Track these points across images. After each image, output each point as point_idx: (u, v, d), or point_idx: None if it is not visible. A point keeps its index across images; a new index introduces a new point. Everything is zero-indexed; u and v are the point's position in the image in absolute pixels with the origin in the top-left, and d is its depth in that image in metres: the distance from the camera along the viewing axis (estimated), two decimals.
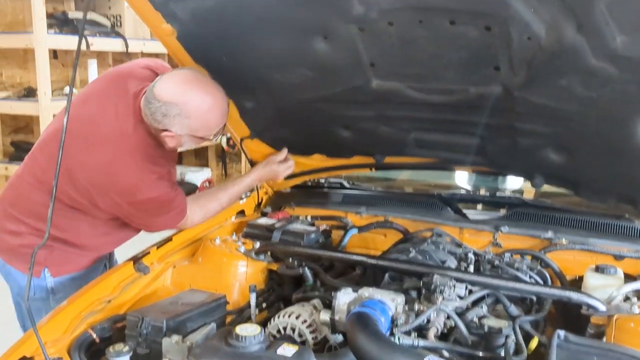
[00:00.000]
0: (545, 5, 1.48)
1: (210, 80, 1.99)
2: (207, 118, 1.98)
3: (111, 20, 5.61)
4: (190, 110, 1.92)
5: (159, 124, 1.95)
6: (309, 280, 1.97)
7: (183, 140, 2.02)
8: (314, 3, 1.65)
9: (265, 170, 2.42)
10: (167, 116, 1.92)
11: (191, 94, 1.92)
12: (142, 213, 2.07)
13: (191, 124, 1.95)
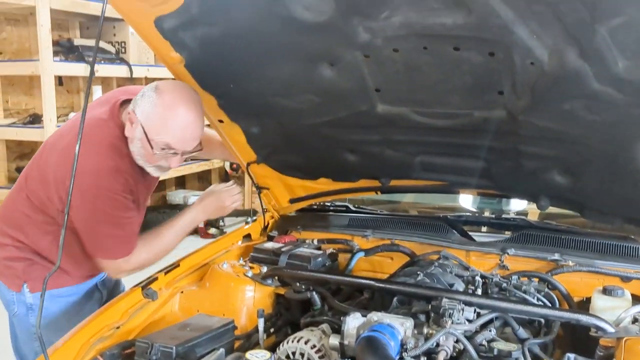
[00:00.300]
0: (548, 31, 1.50)
1: (199, 109, 2.03)
2: (166, 122, 1.99)
3: (116, 47, 5.69)
4: (158, 103, 1.97)
5: (132, 106, 2.03)
6: (317, 304, 1.97)
7: (136, 132, 2.03)
8: (320, 31, 1.67)
9: (209, 201, 2.38)
10: (143, 95, 2.01)
11: (174, 97, 1.98)
12: (87, 213, 2.02)
13: (151, 116, 1.99)
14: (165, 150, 2.03)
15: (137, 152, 2.07)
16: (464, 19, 1.53)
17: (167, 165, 2.11)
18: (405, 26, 1.61)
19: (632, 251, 2.22)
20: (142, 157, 2.07)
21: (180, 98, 2.00)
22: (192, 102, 2.01)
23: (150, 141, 2.01)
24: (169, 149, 2.04)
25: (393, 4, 1.55)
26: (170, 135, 2.01)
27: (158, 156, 2.06)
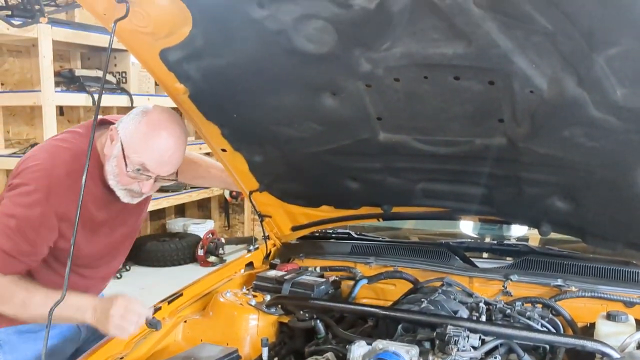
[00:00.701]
0: (546, 61, 1.53)
1: (183, 138, 2.02)
2: (146, 141, 1.96)
3: (117, 77, 5.74)
4: (142, 123, 1.97)
5: (118, 123, 2.02)
6: (321, 333, 1.97)
7: (114, 149, 1.98)
8: (323, 62, 1.70)
9: (102, 308, 1.84)
10: (129, 115, 2.01)
11: (160, 119, 1.99)
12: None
13: (133, 133, 1.96)
14: (140, 171, 1.97)
15: (111, 171, 2.00)
16: (464, 49, 1.56)
17: (138, 189, 2.02)
18: (406, 56, 1.64)
19: (634, 276, 2.23)
20: (115, 177, 1.99)
21: (166, 121, 2.00)
22: (177, 128, 2.01)
23: (126, 158, 1.94)
24: (143, 170, 1.97)
25: (394, 35, 1.58)
26: (148, 155, 1.96)
27: (131, 176, 1.97)
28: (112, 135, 2.00)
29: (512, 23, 1.46)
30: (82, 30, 5.28)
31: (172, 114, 2.05)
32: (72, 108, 5.84)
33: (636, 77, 1.50)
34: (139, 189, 2.02)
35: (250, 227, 7.60)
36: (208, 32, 1.73)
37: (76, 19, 5.72)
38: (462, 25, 1.49)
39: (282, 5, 1.57)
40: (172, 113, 2.05)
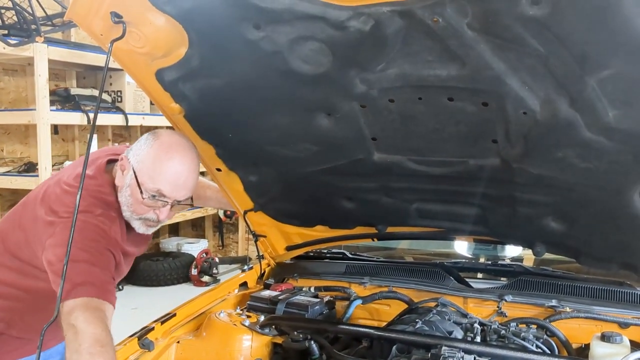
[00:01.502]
0: (539, 83, 1.55)
1: (195, 160, 1.97)
2: (160, 166, 1.90)
3: (112, 96, 5.76)
4: (153, 149, 1.92)
5: (127, 152, 1.97)
6: (315, 354, 1.96)
7: (126, 178, 1.92)
8: (318, 83, 1.72)
9: None
10: (139, 142, 1.97)
11: (171, 142, 1.95)
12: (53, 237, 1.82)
13: (145, 159, 1.91)
14: (156, 198, 1.91)
15: (125, 202, 1.93)
16: (458, 71, 1.58)
17: (155, 218, 1.97)
18: (401, 78, 1.65)
19: (629, 296, 2.22)
20: (129, 207, 1.93)
21: (177, 145, 1.96)
22: (190, 151, 1.97)
23: (141, 186, 1.89)
24: (160, 196, 1.91)
25: (389, 57, 1.60)
26: (164, 181, 1.89)
27: (147, 204, 1.92)
28: (123, 165, 1.94)
29: (505, 45, 1.48)
30: (78, 49, 5.31)
31: (182, 136, 2.02)
32: (67, 127, 5.85)
33: (627, 99, 1.51)
34: (155, 217, 1.97)
35: (245, 247, 7.57)
36: (204, 53, 1.74)
37: (72, 39, 5.75)
38: (455, 47, 1.51)
39: (278, 27, 1.58)
40: (182, 135, 2.02)
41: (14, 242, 1.99)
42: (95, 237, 1.82)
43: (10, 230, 2.03)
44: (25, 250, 1.95)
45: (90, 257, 1.77)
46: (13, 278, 1.99)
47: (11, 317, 2.02)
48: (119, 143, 6.05)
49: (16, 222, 2.03)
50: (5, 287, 2.00)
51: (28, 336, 2.02)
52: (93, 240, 1.81)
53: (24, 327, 2.02)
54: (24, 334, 2.03)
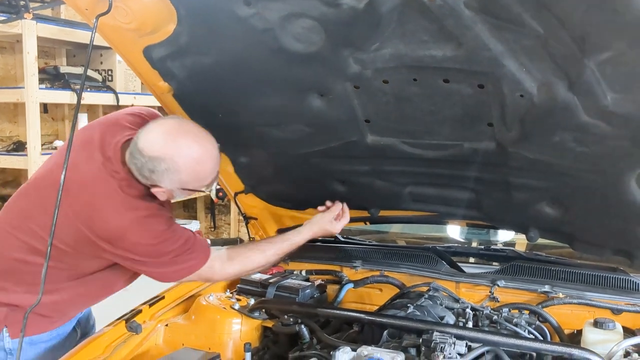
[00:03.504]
0: (537, 64, 1.52)
1: (198, 129, 1.87)
2: (198, 170, 1.85)
3: (102, 75, 5.66)
4: (179, 164, 1.80)
5: (147, 180, 1.84)
6: (306, 338, 1.93)
7: (175, 194, 1.92)
8: (311, 63, 1.68)
9: (319, 230, 2.26)
10: (155, 172, 1.80)
11: (178, 146, 1.80)
12: (141, 258, 1.88)
13: (182, 178, 1.83)
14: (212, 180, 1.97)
15: (180, 198, 2.02)
16: (454, 51, 1.54)
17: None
18: (395, 58, 1.62)
19: (621, 283, 2.21)
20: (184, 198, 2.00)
21: (198, 145, 1.85)
22: (193, 132, 1.86)
23: (196, 189, 1.94)
24: (209, 185, 1.96)
25: (383, 37, 1.56)
26: (212, 171, 1.91)
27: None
28: (159, 191, 1.88)
29: (503, 26, 1.44)
30: (67, 26, 5.20)
31: (185, 125, 1.89)
32: (56, 105, 5.75)
33: (627, 83, 1.48)
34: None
35: (237, 229, 7.54)
36: (193, 30, 1.70)
37: (62, 16, 5.63)
38: (452, 27, 1.47)
39: (269, 4, 1.54)
40: (183, 123, 1.90)
41: (40, 225, 1.90)
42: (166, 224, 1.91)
43: (37, 213, 1.93)
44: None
45: (185, 231, 1.95)
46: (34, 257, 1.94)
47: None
48: None
49: (42, 207, 1.91)
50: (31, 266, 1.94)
51: (48, 314, 2.01)
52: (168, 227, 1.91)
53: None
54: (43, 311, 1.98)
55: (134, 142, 1.82)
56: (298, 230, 2.24)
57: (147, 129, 1.83)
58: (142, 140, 1.81)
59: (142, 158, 1.80)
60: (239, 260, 2.08)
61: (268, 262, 2.16)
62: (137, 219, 1.84)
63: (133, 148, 1.82)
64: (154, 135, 1.81)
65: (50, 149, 5.14)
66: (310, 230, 2.24)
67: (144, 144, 1.80)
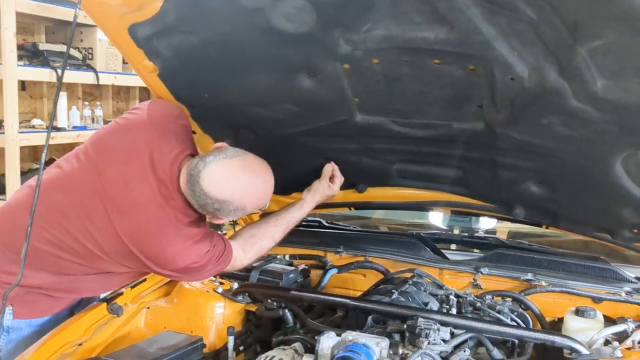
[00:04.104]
0: (529, 49, 1.51)
1: (259, 163, 1.90)
2: (261, 203, 1.95)
3: (82, 53, 5.56)
4: (246, 204, 1.87)
5: (208, 213, 1.90)
6: (290, 322, 1.93)
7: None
8: (301, 42, 1.64)
9: (319, 197, 2.26)
10: (221, 210, 1.85)
11: (244, 189, 1.85)
12: (185, 275, 1.98)
13: (246, 212, 1.94)
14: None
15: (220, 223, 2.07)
16: (446, 34, 1.53)
17: None
18: (387, 39, 1.60)
19: (603, 272, 2.24)
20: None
21: (262, 181, 1.90)
22: (252, 167, 1.89)
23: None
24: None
25: (375, 17, 1.54)
26: (270, 194, 1.96)
27: None
28: (219, 221, 1.97)
29: (496, 10, 1.43)
30: (47, 2, 5.08)
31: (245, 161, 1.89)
32: (34, 83, 5.63)
33: (617, 69, 1.48)
34: None
35: None
36: (181, 8, 1.65)
37: None
38: (445, 9, 1.45)
39: None
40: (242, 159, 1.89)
41: (77, 227, 1.86)
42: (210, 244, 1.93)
43: (75, 215, 1.87)
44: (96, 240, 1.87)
45: (220, 242, 1.97)
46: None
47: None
48: (89, 102, 5.87)
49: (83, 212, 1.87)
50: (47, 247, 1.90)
51: (57, 294, 1.98)
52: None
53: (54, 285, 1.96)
54: (53, 292, 1.97)
55: (195, 180, 1.81)
56: (300, 204, 2.23)
57: (210, 168, 1.82)
58: (206, 182, 1.80)
59: (207, 199, 1.82)
60: (253, 250, 2.09)
61: (276, 243, 2.17)
62: (189, 246, 1.87)
63: (195, 187, 1.81)
64: (220, 178, 1.82)
65: (27, 127, 5.05)
66: (312, 199, 2.25)
67: (210, 188, 1.80)
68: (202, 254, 1.88)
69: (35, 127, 5.06)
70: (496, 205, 2.33)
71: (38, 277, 1.88)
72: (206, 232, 1.93)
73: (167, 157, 1.86)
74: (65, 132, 5.18)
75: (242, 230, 2.15)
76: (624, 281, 2.19)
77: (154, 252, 1.84)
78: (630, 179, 1.86)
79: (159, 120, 1.95)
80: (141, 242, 1.83)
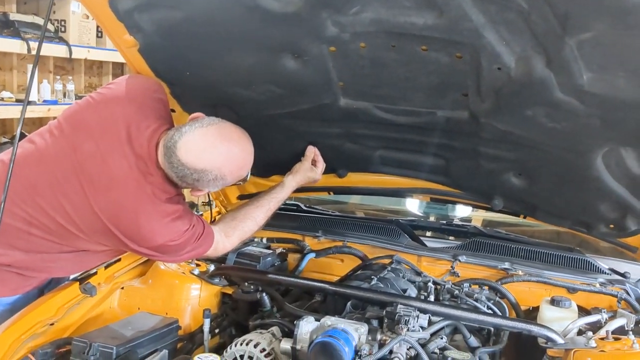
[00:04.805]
0: (517, 39, 1.50)
1: (237, 130, 1.85)
2: (240, 173, 1.90)
3: (55, 25, 5.41)
4: (225, 173, 1.82)
5: (188, 185, 1.85)
6: (267, 306, 1.91)
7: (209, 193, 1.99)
8: (287, 22, 1.61)
9: (301, 179, 2.24)
10: (200, 181, 1.80)
11: (223, 157, 1.80)
12: (163, 255, 1.92)
13: (226, 182, 1.87)
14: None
15: (201, 197, 2.05)
16: (435, 20, 1.51)
17: None
18: (375, 23, 1.57)
19: (578, 263, 2.27)
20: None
21: (240, 149, 1.85)
22: (231, 135, 1.84)
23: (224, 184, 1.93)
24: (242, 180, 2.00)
25: (364, 0, 1.51)
26: (250, 164, 1.92)
27: None
28: (199, 194, 1.92)
29: None
30: None
31: (222, 130, 1.84)
32: (4, 54, 5.46)
33: (604, 63, 1.49)
34: None
35: None
36: None
37: None
38: None
39: None
40: (220, 127, 1.84)
41: (50, 204, 1.82)
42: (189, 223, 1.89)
43: (47, 190, 1.82)
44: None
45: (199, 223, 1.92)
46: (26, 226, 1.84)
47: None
48: (61, 76, 5.72)
49: (57, 188, 1.82)
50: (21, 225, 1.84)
51: (28, 273, 1.92)
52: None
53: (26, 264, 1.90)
54: (24, 271, 1.91)
55: (172, 151, 1.76)
56: (281, 185, 2.20)
57: (187, 137, 1.77)
58: (183, 152, 1.76)
59: (185, 170, 1.77)
60: (236, 234, 2.05)
61: (259, 226, 2.13)
62: (167, 223, 1.82)
63: (172, 158, 1.77)
64: (196, 147, 1.77)
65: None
66: (293, 180, 2.22)
67: (187, 158, 1.76)
68: (180, 232, 1.84)
69: (4, 100, 4.91)
70: (476, 195, 2.34)
71: (9, 255, 1.83)
72: (185, 211, 1.89)
73: (144, 133, 1.82)
74: (36, 106, 5.04)
75: (222, 216, 2.13)
76: (598, 272, 2.23)
77: (131, 229, 1.79)
78: (609, 174, 1.88)
79: (136, 95, 1.91)
80: (118, 219, 1.78)
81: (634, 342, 1.59)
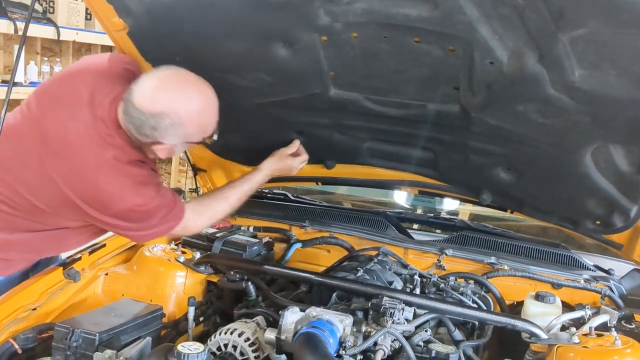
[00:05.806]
0: (511, 34, 1.50)
1: (195, 77, 1.77)
2: (201, 122, 1.79)
3: (43, 6, 5.33)
4: (183, 117, 1.71)
5: (148, 138, 1.75)
6: (252, 295, 1.90)
7: (177, 149, 1.86)
8: (280, 10, 1.60)
9: (278, 166, 2.20)
10: (157, 129, 1.71)
11: (180, 98, 1.72)
12: (130, 224, 1.82)
13: (186, 131, 1.76)
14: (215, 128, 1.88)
15: (180, 153, 1.98)
16: (429, 12, 1.51)
17: None
18: (368, 13, 1.56)
19: (563, 259, 2.28)
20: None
21: (199, 94, 1.77)
22: (191, 82, 1.77)
23: (187, 144, 1.87)
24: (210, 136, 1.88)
25: None
26: (214, 119, 1.82)
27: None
28: (160, 148, 1.80)
29: None
30: None
31: (181, 75, 1.77)
32: None
33: (596, 60, 1.49)
34: None
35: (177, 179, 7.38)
36: None
37: None
38: None
39: None
40: (179, 73, 1.77)
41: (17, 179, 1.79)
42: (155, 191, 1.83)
43: (16, 165, 1.80)
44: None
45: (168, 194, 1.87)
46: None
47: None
48: (49, 58, 5.65)
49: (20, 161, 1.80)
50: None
51: (5, 255, 1.90)
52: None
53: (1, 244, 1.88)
54: (4, 253, 1.90)
55: (128, 100, 1.71)
56: (258, 169, 2.16)
57: (141, 83, 1.72)
58: (138, 97, 1.70)
59: (141, 116, 1.70)
60: (207, 213, 1.99)
61: (233, 208, 2.07)
62: (129, 186, 1.75)
63: (128, 106, 1.71)
64: (151, 89, 1.71)
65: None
66: (270, 166, 2.18)
67: (142, 101, 1.69)
68: (146, 197, 1.78)
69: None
70: (464, 189, 2.34)
71: None
72: (151, 177, 1.83)
73: (107, 97, 1.77)
74: (22, 88, 4.98)
75: (196, 197, 2.11)
76: (583, 268, 2.24)
77: (91, 194, 1.73)
78: (598, 171, 1.89)
79: (103, 64, 1.89)
80: (76, 183, 1.73)
81: (616, 338, 1.60)
